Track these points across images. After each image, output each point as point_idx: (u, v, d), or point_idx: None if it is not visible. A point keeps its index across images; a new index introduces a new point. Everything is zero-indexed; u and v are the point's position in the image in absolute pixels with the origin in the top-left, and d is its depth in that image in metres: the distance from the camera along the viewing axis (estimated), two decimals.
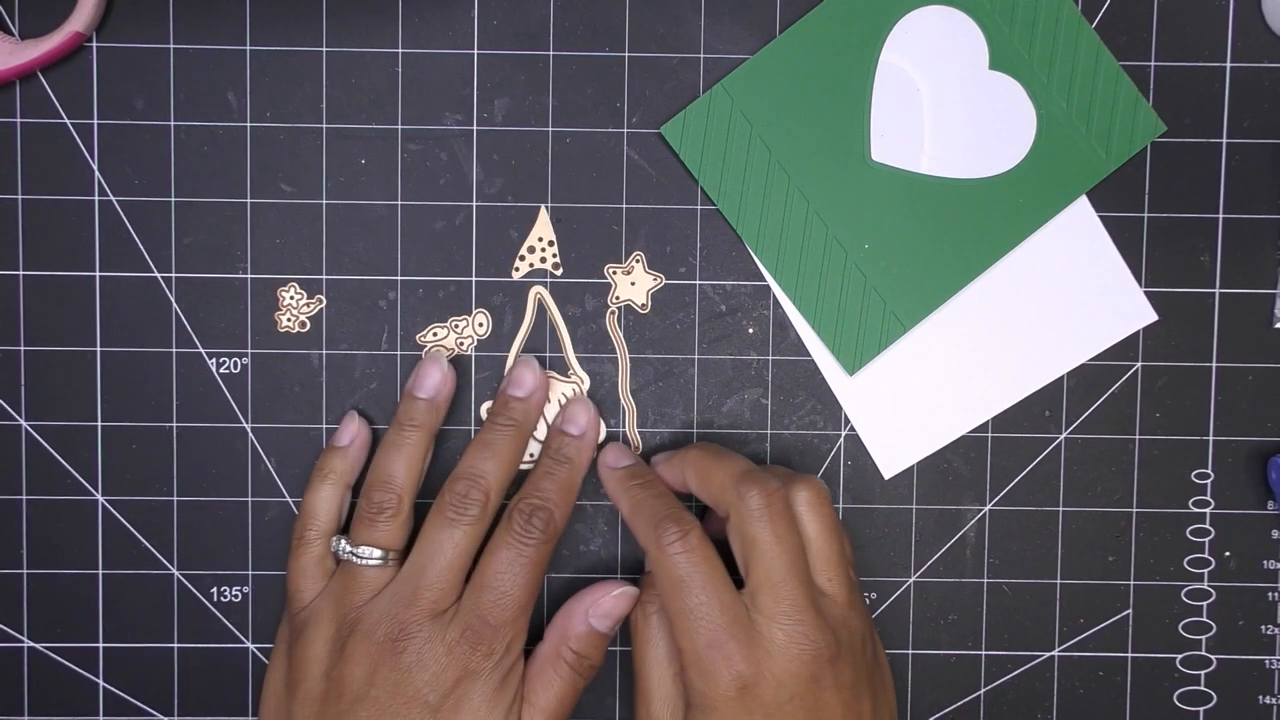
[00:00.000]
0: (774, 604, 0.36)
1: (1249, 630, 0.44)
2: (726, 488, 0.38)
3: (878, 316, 0.43)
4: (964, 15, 0.42)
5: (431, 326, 0.43)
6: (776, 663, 0.36)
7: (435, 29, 0.42)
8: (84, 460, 0.43)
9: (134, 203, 0.42)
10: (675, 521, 0.37)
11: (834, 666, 0.36)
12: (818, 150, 0.42)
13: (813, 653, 0.36)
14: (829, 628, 0.36)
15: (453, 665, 0.37)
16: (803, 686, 0.36)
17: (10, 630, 0.43)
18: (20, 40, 0.42)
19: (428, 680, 0.37)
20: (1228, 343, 0.43)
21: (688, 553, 0.37)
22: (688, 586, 0.36)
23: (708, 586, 0.36)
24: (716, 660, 0.36)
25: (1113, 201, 0.43)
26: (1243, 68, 0.43)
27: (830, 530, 0.38)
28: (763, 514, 0.37)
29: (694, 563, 0.36)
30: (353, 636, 0.37)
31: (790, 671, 0.35)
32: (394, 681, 0.37)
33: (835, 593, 0.37)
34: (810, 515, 0.38)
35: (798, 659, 0.36)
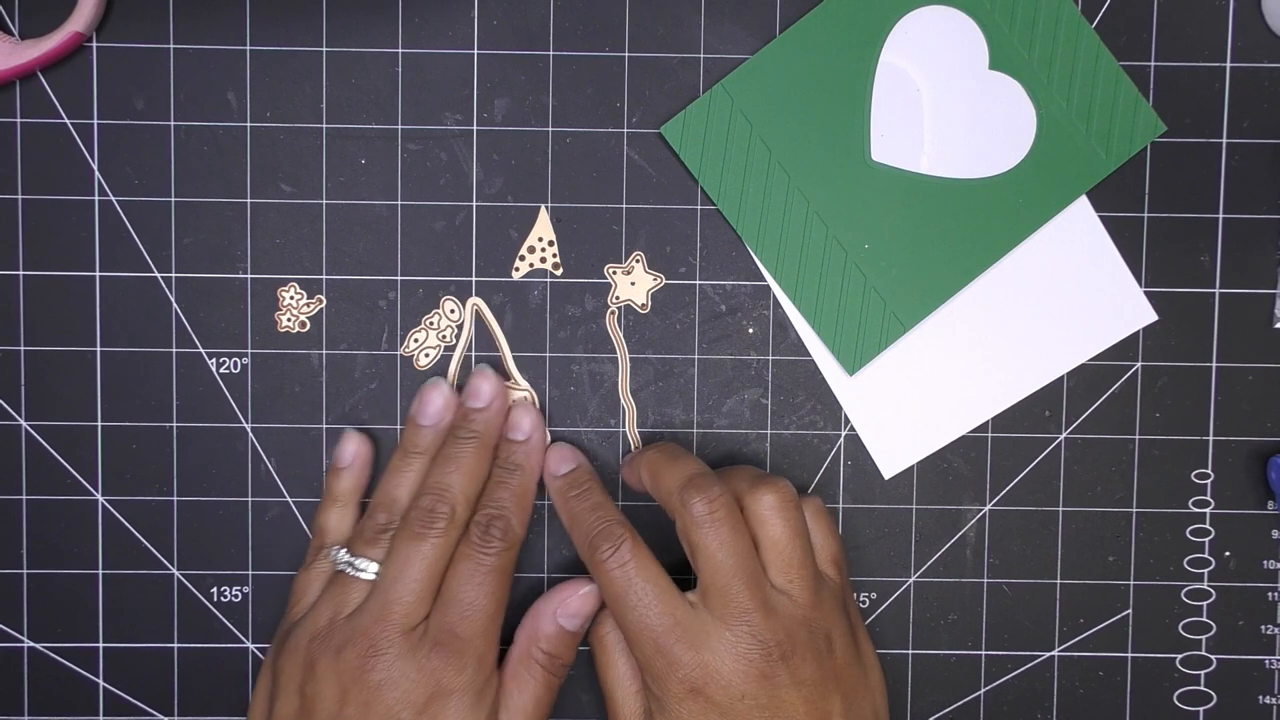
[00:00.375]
0: (720, 605, 0.36)
1: (1249, 630, 0.44)
2: (672, 493, 0.38)
3: (878, 316, 0.43)
4: (964, 15, 0.42)
5: (411, 333, 0.43)
6: (724, 662, 0.36)
7: (435, 29, 0.42)
8: (84, 460, 0.43)
9: (134, 203, 0.42)
10: (606, 537, 0.38)
11: (789, 665, 0.36)
12: (818, 150, 0.42)
13: (761, 651, 0.36)
14: (781, 626, 0.36)
15: (424, 682, 0.37)
16: (754, 686, 0.36)
17: (10, 630, 0.43)
18: (20, 40, 0.42)
19: (399, 698, 0.36)
20: (1228, 343, 0.43)
21: (621, 567, 0.37)
22: (625, 598, 0.37)
23: (645, 596, 0.37)
24: (662, 666, 0.36)
25: (1113, 201, 0.43)
26: (1243, 68, 0.43)
27: (793, 532, 0.38)
28: (705, 520, 0.37)
29: (628, 575, 0.37)
30: (323, 655, 0.37)
31: (738, 671, 0.36)
32: (364, 701, 0.36)
33: (795, 593, 0.37)
34: (774, 517, 0.38)
35: (745, 657, 0.36)
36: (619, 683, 0.39)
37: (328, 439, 0.43)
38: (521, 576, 0.43)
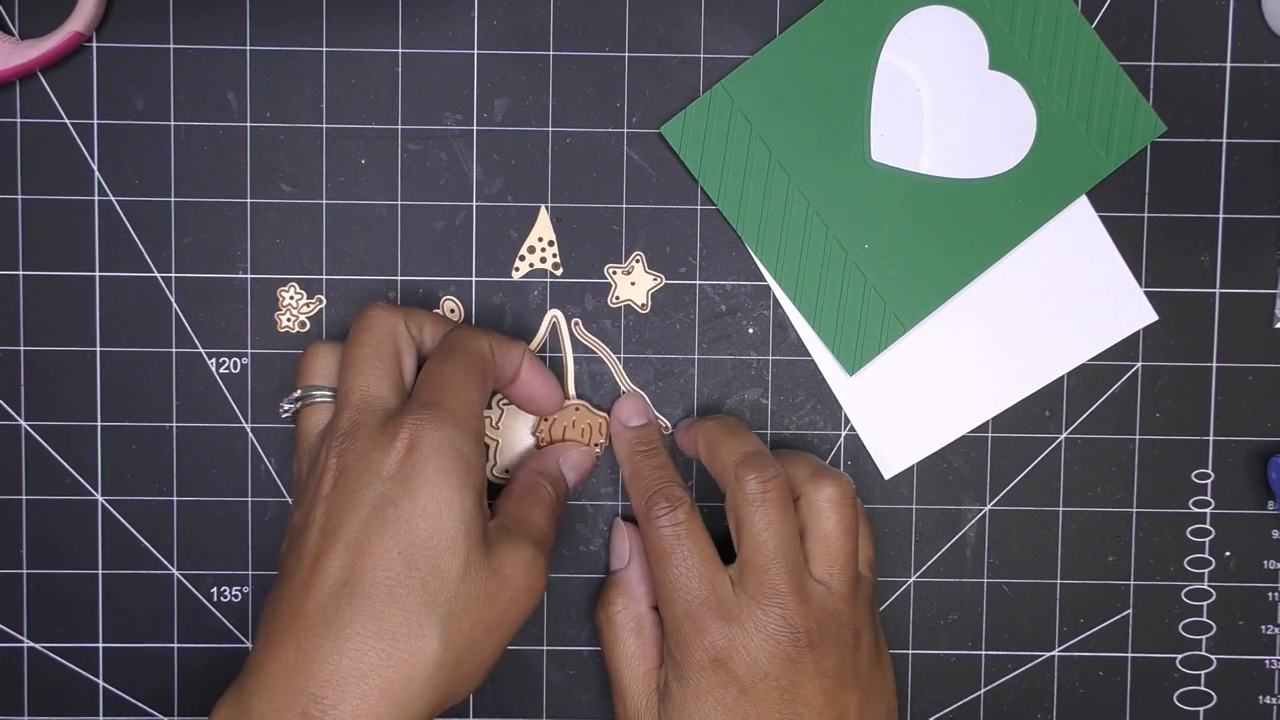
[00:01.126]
0: (756, 584, 0.37)
1: (1249, 630, 0.44)
2: (727, 467, 0.38)
3: (878, 316, 0.43)
4: (964, 15, 0.42)
5: None
6: (751, 639, 0.36)
7: (435, 29, 0.42)
8: (84, 460, 0.43)
9: (134, 203, 0.42)
10: (665, 496, 0.38)
11: (815, 653, 0.36)
12: (818, 150, 0.42)
13: (790, 635, 0.36)
14: (813, 615, 0.36)
15: (403, 438, 0.34)
16: (777, 667, 0.36)
17: (10, 630, 0.43)
18: (20, 40, 0.42)
19: (379, 457, 0.34)
20: (1228, 343, 0.43)
21: (674, 526, 0.37)
22: (670, 558, 0.37)
23: (689, 559, 0.37)
24: (690, 631, 0.36)
25: (1113, 201, 0.43)
26: (1243, 68, 0.43)
27: (845, 529, 0.38)
28: (756, 499, 0.37)
29: (679, 535, 0.37)
30: (320, 453, 0.36)
31: (765, 650, 0.36)
32: (341, 469, 0.35)
33: (834, 586, 0.37)
34: (831, 511, 0.38)
35: (773, 638, 0.36)
36: (627, 662, 0.39)
37: None
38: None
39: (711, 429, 0.40)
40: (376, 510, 0.34)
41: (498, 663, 0.36)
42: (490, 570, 0.35)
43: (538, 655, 0.44)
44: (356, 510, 0.34)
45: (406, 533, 0.33)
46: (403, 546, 0.33)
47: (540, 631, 0.44)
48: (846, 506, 0.38)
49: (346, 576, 0.33)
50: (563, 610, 0.44)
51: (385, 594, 0.33)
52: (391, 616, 0.33)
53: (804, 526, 0.38)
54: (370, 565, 0.33)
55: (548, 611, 0.44)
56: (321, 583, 0.33)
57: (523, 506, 0.38)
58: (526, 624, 0.39)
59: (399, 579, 0.33)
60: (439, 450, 0.34)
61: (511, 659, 0.43)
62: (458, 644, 0.34)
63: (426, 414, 0.34)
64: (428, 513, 0.34)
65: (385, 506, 0.34)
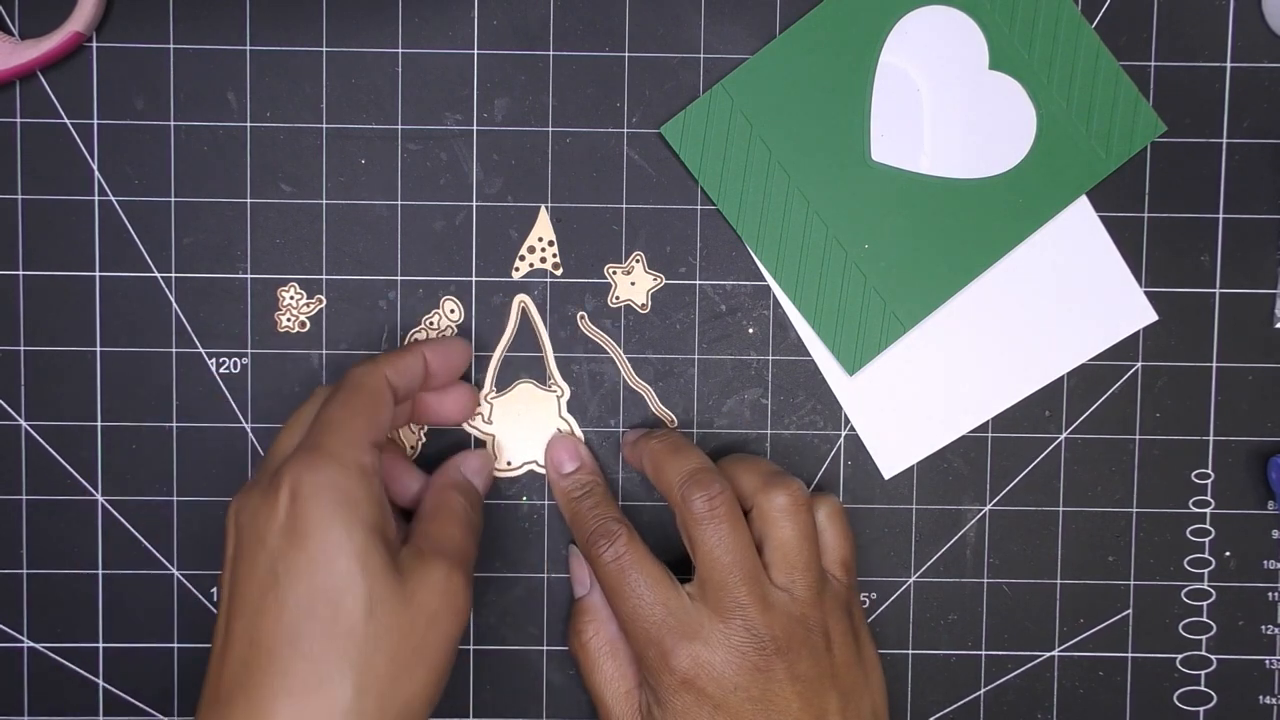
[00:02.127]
0: (716, 599, 0.37)
1: (1249, 630, 0.44)
2: (673, 488, 0.38)
3: (878, 316, 0.43)
4: (964, 15, 0.42)
5: (411, 334, 0.43)
6: (716, 654, 0.36)
7: (435, 29, 0.42)
8: (84, 460, 0.43)
9: (134, 203, 0.42)
10: (603, 534, 0.39)
11: (785, 659, 0.36)
12: (818, 150, 0.42)
13: (755, 644, 0.36)
14: (777, 621, 0.36)
15: (285, 489, 0.33)
16: (746, 678, 0.36)
17: (10, 630, 0.43)
18: (20, 40, 0.41)
19: (266, 512, 0.33)
20: (1228, 343, 0.43)
21: (616, 559, 0.38)
22: (621, 592, 0.38)
23: (639, 588, 0.37)
24: (656, 657, 0.37)
25: (1113, 201, 0.43)
26: (1243, 68, 0.43)
27: (802, 536, 0.38)
28: (705, 518, 0.37)
29: (623, 568, 0.38)
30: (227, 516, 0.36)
31: (730, 663, 0.36)
32: (242, 525, 0.34)
33: (796, 591, 0.37)
34: (784, 519, 0.38)
35: (738, 650, 0.36)
36: (607, 685, 0.39)
37: None
38: (520, 577, 0.43)
39: (655, 449, 0.40)
40: (270, 567, 0.33)
41: (438, 694, 0.35)
42: (401, 600, 0.33)
43: (538, 655, 0.44)
44: (253, 571, 0.33)
45: (301, 583, 0.32)
46: (299, 597, 0.32)
47: (540, 632, 0.44)
48: (800, 512, 0.38)
49: (251, 638, 0.33)
50: (562, 610, 0.44)
51: (289, 649, 0.32)
52: (297, 671, 0.32)
53: (760, 536, 0.38)
54: (270, 623, 0.32)
55: (547, 612, 0.44)
56: (231, 651, 0.33)
57: (434, 524, 0.37)
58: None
59: (300, 631, 0.32)
60: (318, 493, 0.33)
61: (512, 659, 0.43)
62: (375, 686, 0.32)
63: (304, 459, 0.33)
64: (317, 559, 0.32)
65: (277, 561, 0.33)
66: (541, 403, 0.43)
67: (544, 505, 0.43)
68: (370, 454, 0.35)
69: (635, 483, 0.43)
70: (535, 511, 0.43)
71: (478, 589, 0.43)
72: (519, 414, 0.43)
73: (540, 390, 0.43)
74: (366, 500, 0.34)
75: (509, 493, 0.43)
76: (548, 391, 0.43)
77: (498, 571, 0.43)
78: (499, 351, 0.43)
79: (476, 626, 0.43)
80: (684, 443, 0.40)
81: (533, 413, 0.43)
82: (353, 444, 0.34)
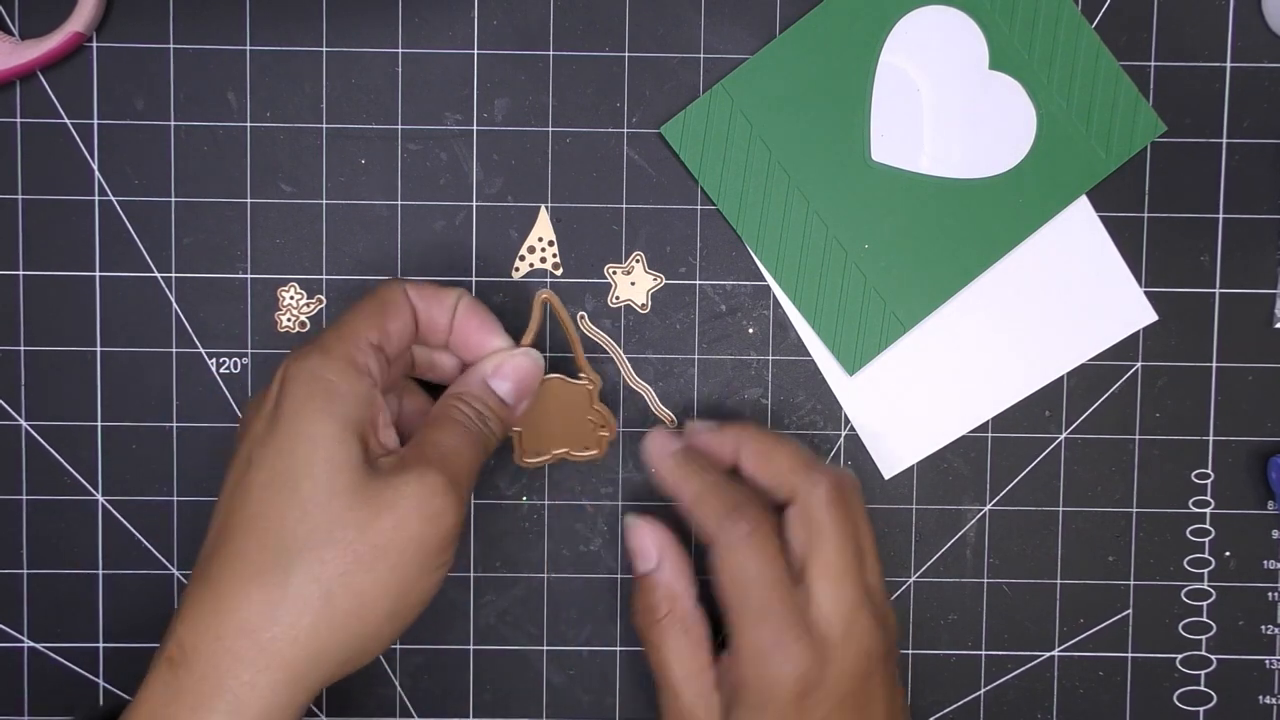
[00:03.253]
0: (835, 596, 0.35)
1: (1249, 630, 0.44)
2: (796, 471, 0.37)
3: (878, 316, 0.43)
4: (964, 15, 0.42)
5: None
6: (836, 660, 0.35)
7: (435, 29, 0.42)
8: (84, 460, 0.43)
9: (134, 203, 0.42)
10: (743, 516, 0.36)
11: (885, 664, 0.36)
12: (818, 150, 0.42)
13: (869, 650, 0.36)
14: (880, 624, 0.36)
15: (276, 378, 0.34)
16: (857, 684, 0.35)
17: (10, 630, 0.43)
18: (20, 40, 0.42)
19: (258, 400, 0.34)
20: (1228, 343, 0.43)
21: (756, 550, 0.36)
22: (755, 584, 0.35)
23: (774, 585, 0.35)
24: (780, 659, 0.35)
25: (1113, 201, 0.43)
26: (1243, 68, 0.43)
27: (868, 525, 0.38)
28: (834, 502, 0.36)
29: (762, 561, 0.35)
30: None
31: (848, 670, 0.35)
32: (245, 418, 0.35)
33: (877, 588, 0.37)
34: (859, 511, 0.38)
35: (855, 656, 0.35)
36: (681, 662, 0.37)
37: None
38: (520, 577, 0.43)
39: (758, 436, 0.38)
40: (247, 454, 0.33)
41: (405, 606, 0.33)
42: (363, 496, 0.32)
43: (538, 655, 0.44)
44: (235, 459, 0.34)
45: (269, 465, 0.32)
46: (265, 478, 0.32)
47: (540, 631, 0.44)
48: (861, 502, 0.38)
49: (221, 522, 0.33)
50: (563, 610, 0.44)
51: (245, 532, 0.32)
52: (250, 555, 0.32)
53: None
54: (238, 506, 0.32)
55: (548, 612, 0.44)
56: (210, 536, 0.33)
57: (428, 432, 0.35)
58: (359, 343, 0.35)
59: (260, 512, 0.32)
60: (299, 380, 0.33)
61: (512, 659, 0.43)
62: (323, 574, 0.31)
63: (297, 351, 0.34)
64: (283, 444, 0.32)
65: (254, 447, 0.33)
66: (573, 395, 0.41)
67: (544, 505, 0.43)
68: (364, 352, 0.34)
69: (637, 484, 0.43)
70: (535, 511, 0.43)
71: (478, 588, 0.43)
72: (548, 410, 0.40)
73: (570, 383, 0.40)
74: (348, 395, 0.33)
75: (509, 493, 0.43)
76: (578, 384, 0.41)
77: (498, 571, 0.43)
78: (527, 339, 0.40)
79: (476, 626, 0.43)
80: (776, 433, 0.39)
81: (563, 407, 0.41)
82: (346, 339, 0.34)
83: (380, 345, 0.35)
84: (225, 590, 0.32)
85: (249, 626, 0.31)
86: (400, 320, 0.36)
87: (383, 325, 0.35)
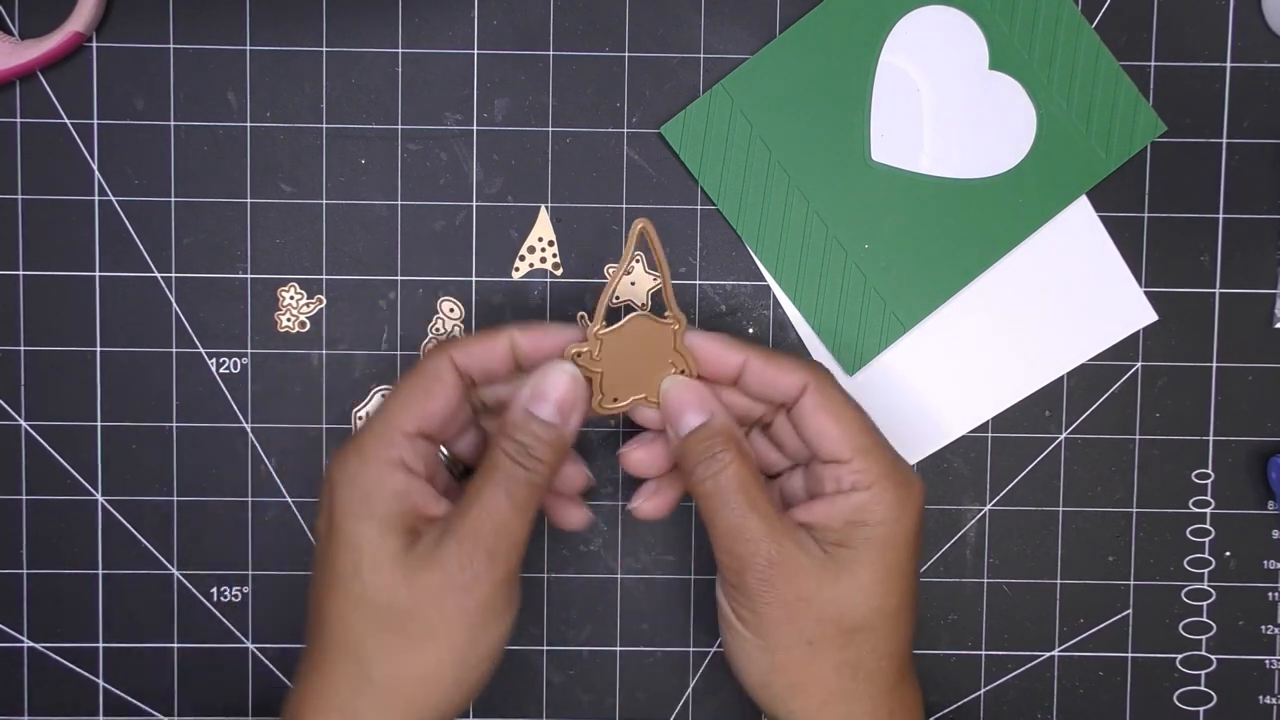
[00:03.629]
0: (885, 453, 0.36)
1: (1249, 630, 0.44)
2: (799, 368, 0.36)
3: (878, 316, 0.43)
4: (964, 15, 0.42)
5: (423, 346, 0.43)
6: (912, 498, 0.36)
7: (435, 29, 0.42)
8: (84, 460, 0.43)
9: (134, 203, 0.42)
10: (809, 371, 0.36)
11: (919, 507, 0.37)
12: (818, 150, 0.42)
13: (919, 493, 0.36)
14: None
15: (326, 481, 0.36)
16: (919, 524, 0.36)
17: (10, 630, 0.43)
18: (20, 40, 0.42)
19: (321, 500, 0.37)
20: (1228, 343, 0.43)
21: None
22: (861, 421, 0.37)
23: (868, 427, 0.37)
24: (903, 487, 0.36)
25: (1113, 201, 0.43)
26: (1243, 68, 0.43)
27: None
28: (837, 385, 0.37)
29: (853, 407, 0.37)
30: None
31: (917, 505, 0.36)
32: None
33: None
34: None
35: (918, 495, 0.36)
36: (757, 483, 0.36)
37: (327, 439, 0.43)
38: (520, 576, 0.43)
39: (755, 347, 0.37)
40: (318, 550, 0.36)
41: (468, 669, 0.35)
42: (405, 586, 0.34)
43: (538, 655, 0.44)
44: (316, 550, 0.37)
45: (327, 568, 0.35)
46: (325, 579, 0.35)
47: (540, 631, 0.44)
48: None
49: (311, 610, 0.36)
50: (563, 610, 0.44)
51: (321, 624, 0.36)
52: (321, 642, 0.35)
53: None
54: (315, 600, 0.36)
55: (548, 611, 0.44)
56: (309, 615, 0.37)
57: (471, 489, 0.35)
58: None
59: (326, 610, 0.35)
60: (340, 486, 0.35)
61: (512, 659, 0.43)
62: (384, 659, 0.35)
63: (339, 455, 0.36)
64: (334, 548, 0.35)
65: (319, 547, 0.36)
66: (656, 335, 0.37)
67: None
68: (401, 447, 0.35)
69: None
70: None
71: None
72: (629, 350, 0.37)
73: (655, 323, 0.37)
74: (385, 496, 0.35)
75: None
76: (663, 323, 0.37)
77: None
78: (614, 281, 0.38)
79: None
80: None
81: (645, 348, 0.37)
82: (383, 437, 0.35)
83: (421, 431, 0.36)
84: (304, 671, 0.36)
85: (340, 702, 0.35)
86: (444, 398, 0.36)
87: (424, 410, 0.36)
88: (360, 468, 0.35)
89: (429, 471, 0.36)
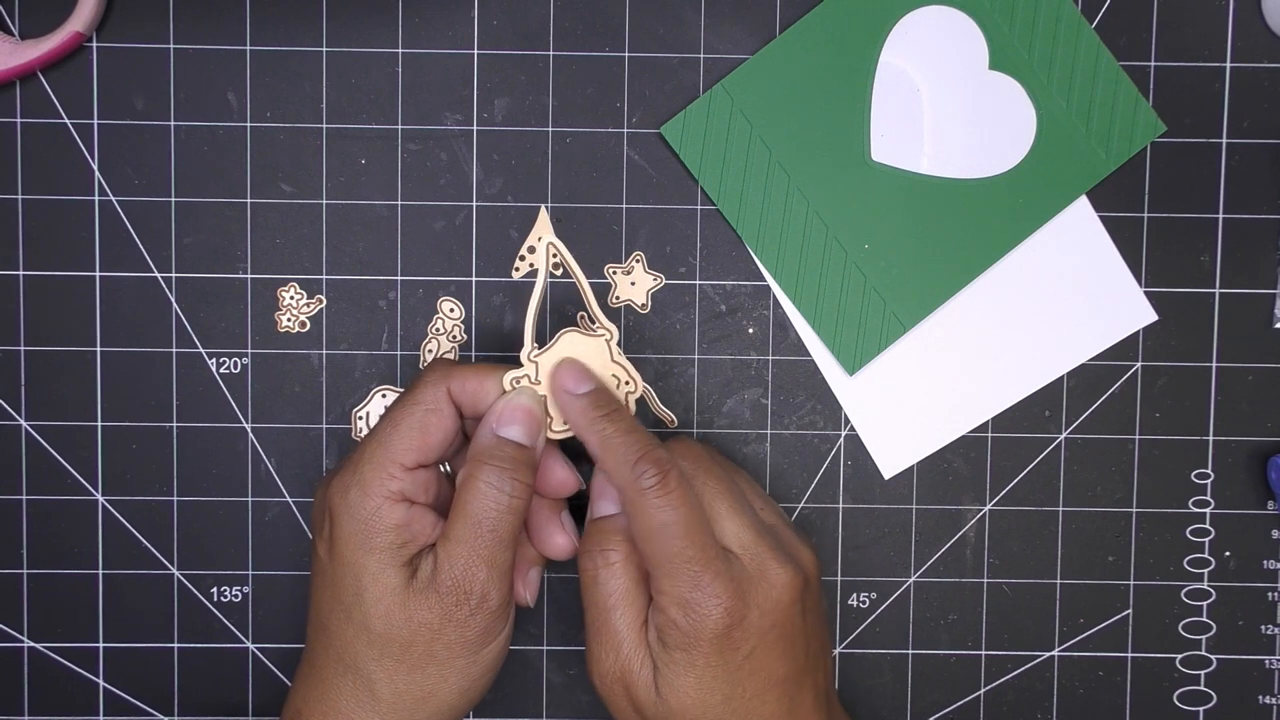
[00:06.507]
0: (737, 535, 0.36)
1: (1249, 630, 0.44)
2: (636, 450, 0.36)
3: (878, 316, 0.43)
4: (964, 15, 0.42)
5: (424, 345, 0.43)
6: (754, 594, 0.36)
7: (435, 29, 0.42)
8: (84, 460, 0.43)
9: (134, 203, 0.42)
10: (653, 463, 0.35)
11: (805, 595, 0.36)
12: (818, 150, 0.42)
13: (785, 582, 0.36)
14: (788, 558, 0.36)
15: (328, 510, 0.37)
16: (780, 617, 0.36)
17: (10, 630, 0.43)
18: (20, 40, 0.42)
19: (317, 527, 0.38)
20: (1228, 343, 0.43)
21: (667, 495, 0.35)
22: (669, 531, 0.35)
23: (690, 530, 0.35)
24: (704, 600, 0.35)
25: (1113, 201, 0.43)
26: (1243, 68, 0.43)
27: (738, 471, 0.40)
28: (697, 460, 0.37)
29: (674, 506, 0.35)
30: None
31: (772, 599, 0.36)
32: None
33: (777, 523, 0.38)
34: (721, 464, 0.39)
35: (771, 589, 0.36)
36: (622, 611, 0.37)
37: (327, 439, 0.43)
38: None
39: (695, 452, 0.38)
40: (321, 569, 0.37)
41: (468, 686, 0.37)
42: (403, 612, 0.36)
43: (538, 655, 0.44)
44: (314, 564, 0.38)
45: (331, 589, 0.37)
46: (329, 598, 0.37)
47: (540, 631, 0.44)
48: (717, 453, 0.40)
49: (312, 621, 0.38)
50: (562, 610, 0.44)
51: (322, 639, 0.37)
52: (323, 659, 0.37)
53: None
54: (316, 615, 0.38)
55: (548, 611, 0.44)
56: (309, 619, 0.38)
57: (451, 516, 0.36)
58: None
59: (330, 628, 0.37)
60: (343, 516, 0.36)
61: (512, 659, 0.43)
62: (387, 678, 0.36)
63: (339, 485, 0.36)
64: (337, 575, 0.36)
65: (322, 566, 0.37)
66: (590, 349, 0.38)
67: None
68: (399, 479, 0.36)
69: None
70: None
71: None
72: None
73: (586, 336, 0.38)
74: (385, 528, 0.36)
75: None
76: (594, 336, 0.38)
77: None
78: (534, 303, 0.38)
79: None
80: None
81: (583, 361, 0.38)
82: (380, 469, 0.36)
83: (420, 463, 0.37)
84: (300, 686, 0.38)
85: (345, 714, 0.37)
86: (441, 432, 0.37)
87: (423, 445, 0.37)
88: (361, 500, 0.36)
89: (429, 493, 0.37)
